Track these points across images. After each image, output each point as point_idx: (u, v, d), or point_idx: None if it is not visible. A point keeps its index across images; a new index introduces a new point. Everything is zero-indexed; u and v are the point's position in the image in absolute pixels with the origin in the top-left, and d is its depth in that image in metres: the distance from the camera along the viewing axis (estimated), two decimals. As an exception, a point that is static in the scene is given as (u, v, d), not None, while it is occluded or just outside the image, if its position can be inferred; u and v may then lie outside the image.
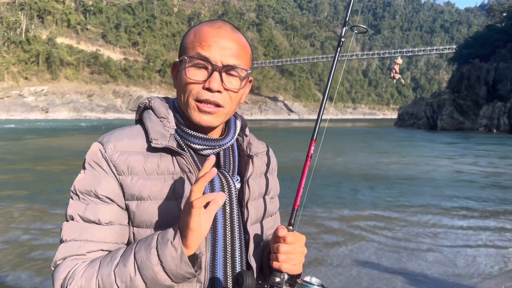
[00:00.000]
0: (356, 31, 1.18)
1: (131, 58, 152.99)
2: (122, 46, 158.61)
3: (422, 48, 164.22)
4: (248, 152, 1.20)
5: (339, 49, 1.16)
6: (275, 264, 1.02)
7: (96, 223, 1.02)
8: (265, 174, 1.25)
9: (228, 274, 1.08)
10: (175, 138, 1.11)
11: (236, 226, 1.10)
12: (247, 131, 1.24)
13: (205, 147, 1.12)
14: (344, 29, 1.15)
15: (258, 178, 1.20)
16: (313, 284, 0.96)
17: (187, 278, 0.96)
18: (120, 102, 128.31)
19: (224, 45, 1.06)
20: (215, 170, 0.92)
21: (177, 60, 1.13)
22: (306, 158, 1.11)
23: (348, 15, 1.15)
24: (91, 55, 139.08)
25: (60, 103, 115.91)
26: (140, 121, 1.16)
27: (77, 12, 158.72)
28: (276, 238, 1.04)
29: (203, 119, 1.08)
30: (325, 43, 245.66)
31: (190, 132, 1.11)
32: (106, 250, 1.02)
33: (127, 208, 1.05)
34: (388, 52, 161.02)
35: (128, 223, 1.06)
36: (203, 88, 1.06)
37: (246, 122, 1.24)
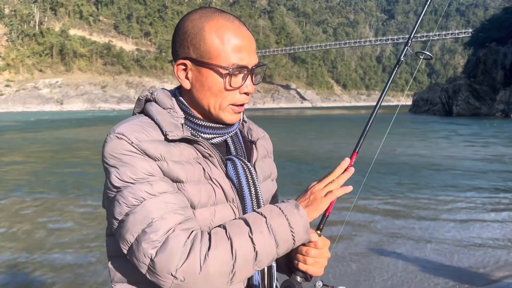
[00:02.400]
0: (421, 57, 1.19)
1: (143, 49, 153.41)
2: (134, 37, 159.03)
3: (437, 33, 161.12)
4: (250, 138, 1.26)
5: (397, 67, 1.18)
6: (302, 266, 1.08)
7: (168, 193, 1.01)
8: (265, 157, 1.30)
9: None
10: (187, 127, 1.13)
11: (262, 205, 1.15)
12: (245, 117, 1.28)
13: (214, 135, 1.15)
14: (405, 49, 1.16)
15: (260, 162, 1.25)
16: None
17: (304, 242, 1.07)
18: (133, 93, 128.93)
19: (251, 47, 1.09)
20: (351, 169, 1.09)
21: (183, 61, 1.10)
22: (345, 169, 1.12)
23: (412, 35, 1.16)
24: (104, 46, 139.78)
25: (74, 94, 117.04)
26: (142, 114, 1.15)
27: (89, 3, 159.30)
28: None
29: (236, 118, 1.14)
30: (338, 29, 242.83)
31: (199, 123, 1.13)
32: (192, 216, 1.03)
33: None
34: (403, 38, 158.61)
35: None
36: (240, 92, 1.10)
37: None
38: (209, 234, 0.99)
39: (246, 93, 1.10)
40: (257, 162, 1.22)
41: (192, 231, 0.98)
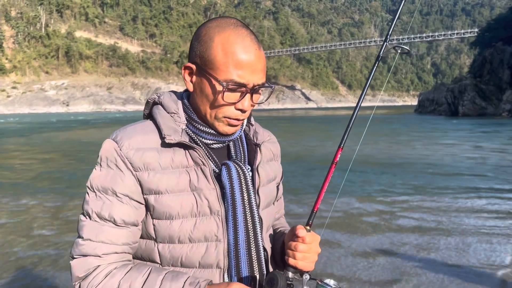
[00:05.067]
0: (399, 51, 1.20)
1: (149, 50, 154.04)
2: (139, 38, 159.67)
3: (443, 33, 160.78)
4: (255, 141, 1.25)
5: (377, 63, 1.19)
6: (291, 261, 1.08)
7: (112, 223, 1.06)
8: (271, 161, 1.30)
9: (253, 257, 1.13)
10: (187, 132, 1.14)
11: (255, 211, 1.15)
12: (252, 120, 1.29)
13: (214, 142, 1.16)
14: (384, 45, 1.18)
15: (265, 165, 1.25)
16: (331, 286, 1.03)
17: None
18: (139, 94, 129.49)
19: (255, 66, 1.09)
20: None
21: (190, 64, 1.14)
22: (331, 165, 1.11)
23: (390, 32, 1.18)
24: (109, 48, 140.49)
25: (80, 96, 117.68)
26: (150, 116, 1.19)
27: (95, 5, 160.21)
28: (294, 237, 1.09)
29: (230, 130, 1.14)
30: (343, 30, 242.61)
31: (201, 129, 1.14)
32: (120, 252, 1.08)
33: (146, 203, 1.09)
34: (408, 38, 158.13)
35: (146, 216, 1.11)
36: (236, 108, 1.10)
37: (251, 112, 1.27)
38: (106, 275, 1.04)
39: (242, 110, 1.10)
40: (260, 165, 1.22)
41: (95, 268, 1.04)
